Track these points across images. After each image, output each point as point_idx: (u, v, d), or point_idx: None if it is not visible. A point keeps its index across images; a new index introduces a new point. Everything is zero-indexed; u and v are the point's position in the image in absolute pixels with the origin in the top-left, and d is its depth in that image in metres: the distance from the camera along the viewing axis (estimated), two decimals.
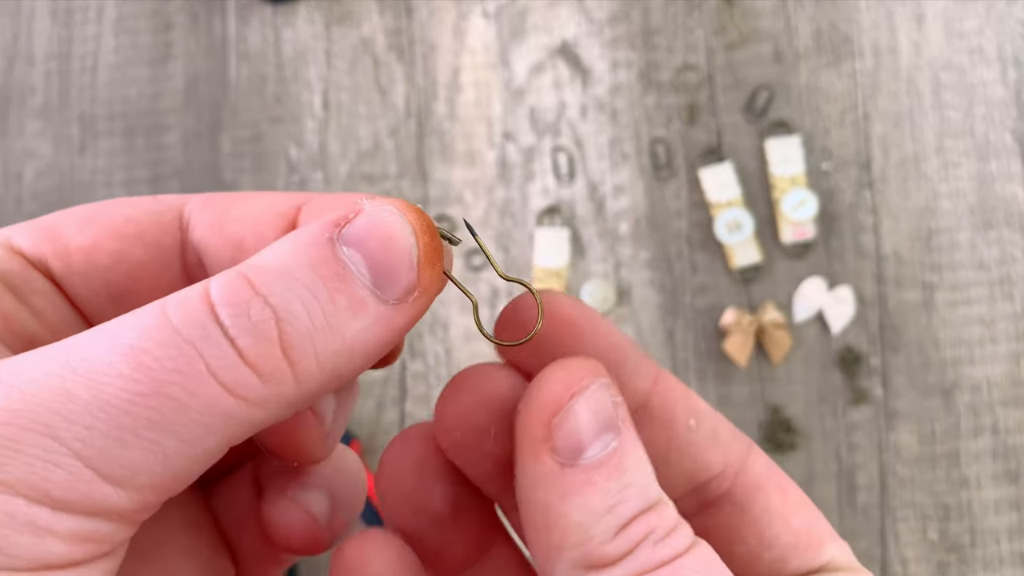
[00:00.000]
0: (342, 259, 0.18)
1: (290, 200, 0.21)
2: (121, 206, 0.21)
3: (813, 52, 0.63)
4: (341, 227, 0.18)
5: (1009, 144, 0.62)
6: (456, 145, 0.63)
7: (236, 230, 0.21)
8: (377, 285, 0.18)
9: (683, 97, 0.63)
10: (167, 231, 0.21)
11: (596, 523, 0.18)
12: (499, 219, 0.62)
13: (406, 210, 0.19)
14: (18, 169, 0.63)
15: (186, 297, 0.17)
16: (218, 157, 0.63)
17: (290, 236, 0.18)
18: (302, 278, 0.17)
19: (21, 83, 0.64)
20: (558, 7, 0.64)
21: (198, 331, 0.16)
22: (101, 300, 0.21)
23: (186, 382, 0.16)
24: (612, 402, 0.19)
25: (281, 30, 0.64)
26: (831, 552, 0.21)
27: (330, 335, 0.17)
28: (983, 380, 0.60)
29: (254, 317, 0.17)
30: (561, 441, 0.18)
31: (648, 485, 0.19)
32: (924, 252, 0.61)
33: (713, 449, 0.21)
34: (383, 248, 0.18)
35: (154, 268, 0.21)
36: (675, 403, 0.21)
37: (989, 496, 0.59)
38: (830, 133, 0.62)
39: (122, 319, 0.17)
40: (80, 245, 0.20)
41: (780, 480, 0.22)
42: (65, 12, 0.64)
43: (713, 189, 0.61)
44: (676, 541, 0.18)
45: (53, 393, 0.15)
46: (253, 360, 0.17)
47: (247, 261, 0.18)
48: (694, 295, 0.61)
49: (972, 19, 0.63)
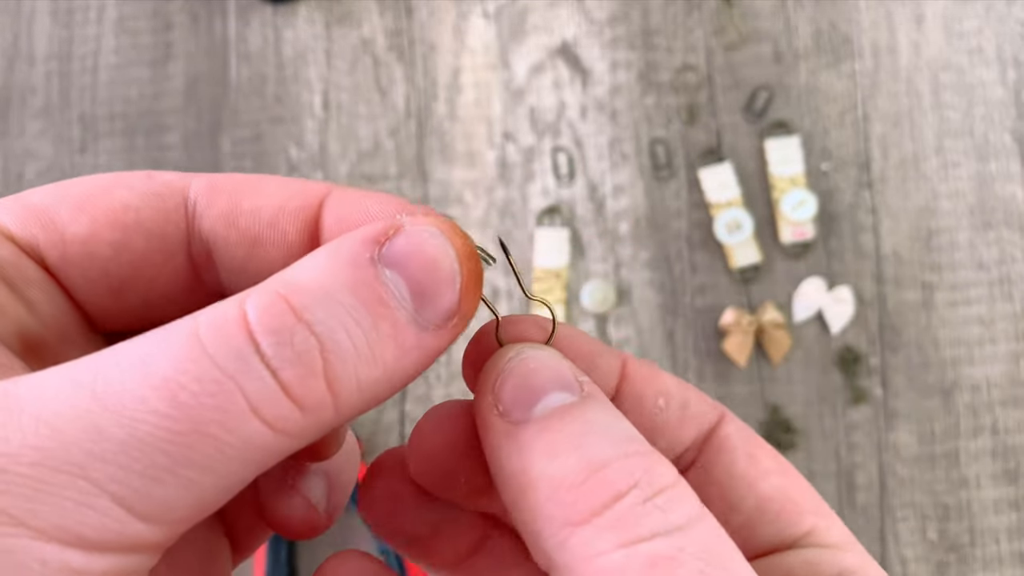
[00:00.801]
0: (385, 282, 0.17)
1: (308, 191, 0.20)
2: (117, 187, 0.19)
3: (813, 52, 0.63)
4: (381, 245, 0.17)
5: (1008, 144, 0.62)
6: (456, 145, 0.63)
7: (251, 224, 0.20)
8: (418, 310, 0.17)
9: (683, 97, 0.63)
10: (171, 219, 0.20)
11: (560, 467, 0.17)
12: (499, 219, 0.62)
13: (450, 232, 0.18)
14: (19, 169, 0.63)
15: (221, 320, 0.16)
16: (218, 157, 0.63)
17: (327, 250, 0.17)
18: (345, 303, 0.16)
19: (21, 83, 0.64)
20: (558, 7, 0.64)
21: (238, 363, 0.15)
22: (99, 292, 0.20)
23: (226, 419, 0.15)
24: (559, 364, 0.18)
25: (281, 30, 0.64)
26: (810, 523, 0.20)
27: (372, 364, 0.17)
28: (983, 380, 0.60)
29: (298, 347, 0.16)
30: (506, 398, 0.18)
31: (623, 435, 0.17)
32: (923, 252, 0.61)
33: (684, 425, 0.21)
34: (426, 273, 0.17)
35: (157, 259, 0.20)
36: (643, 386, 0.21)
37: (988, 496, 0.59)
38: (829, 133, 0.62)
39: (150, 341, 0.15)
40: (77, 234, 0.19)
41: (752, 447, 0.21)
42: (65, 12, 0.64)
43: (713, 189, 0.61)
44: (675, 505, 0.16)
45: (85, 431, 0.14)
46: (297, 393, 0.16)
47: (282, 276, 0.17)
48: (694, 295, 0.61)
49: (972, 19, 0.63)
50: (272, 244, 0.20)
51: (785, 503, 0.21)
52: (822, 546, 0.20)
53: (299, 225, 0.20)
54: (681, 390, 0.21)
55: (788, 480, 0.21)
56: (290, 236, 0.19)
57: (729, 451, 0.21)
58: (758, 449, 0.21)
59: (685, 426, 0.21)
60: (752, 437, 0.22)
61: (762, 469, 0.21)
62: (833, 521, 0.21)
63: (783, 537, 0.20)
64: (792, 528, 0.20)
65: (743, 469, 0.21)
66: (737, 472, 0.21)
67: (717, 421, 0.22)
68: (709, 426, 0.21)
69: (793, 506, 0.21)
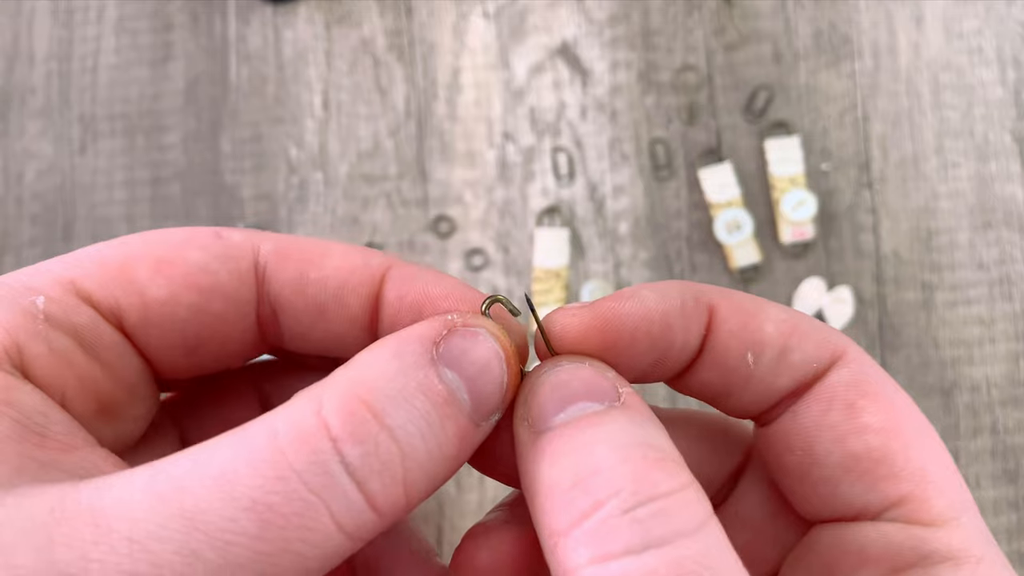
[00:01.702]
0: (448, 384, 0.17)
1: (370, 265, 0.20)
2: (190, 248, 0.20)
3: (812, 53, 0.63)
4: (438, 345, 0.18)
5: (1008, 144, 0.62)
6: (456, 145, 0.63)
7: (317, 293, 0.20)
8: (474, 408, 0.18)
9: (683, 97, 0.63)
10: (244, 283, 0.20)
11: (557, 473, 0.16)
12: (499, 219, 0.62)
13: (498, 335, 0.19)
14: (19, 169, 0.63)
15: (302, 428, 0.15)
16: (218, 158, 0.63)
17: (390, 349, 0.17)
18: (419, 406, 0.17)
19: (21, 84, 0.64)
20: (558, 7, 0.64)
21: (324, 478, 0.15)
22: (174, 350, 0.20)
23: (311, 536, 0.15)
24: (593, 374, 0.18)
25: (281, 30, 0.64)
26: (903, 492, 0.18)
27: (442, 464, 0.17)
28: (982, 380, 0.60)
29: (383, 456, 0.16)
30: (532, 408, 0.18)
31: (634, 441, 0.17)
32: (923, 252, 0.61)
33: (779, 375, 0.20)
34: (480, 375, 0.18)
35: (230, 320, 0.20)
36: (729, 340, 0.20)
37: (988, 496, 0.60)
38: (829, 133, 0.62)
39: (230, 449, 0.15)
40: (157, 297, 0.19)
41: (859, 397, 0.19)
42: (65, 12, 0.64)
43: (713, 189, 0.61)
44: (662, 518, 0.15)
45: (178, 554, 0.14)
46: (379, 504, 0.16)
47: (351, 374, 0.17)
48: None
49: (971, 20, 0.63)
50: (336, 315, 0.20)
51: (875, 464, 0.19)
52: (911, 522, 0.18)
53: (361, 300, 0.20)
54: (783, 337, 0.20)
55: (892, 441, 0.19)
56: (353, 310, 0.20)
57: (826, 400, 0.20)
58: (865, 400, 0.19)
59: (780, 377, 0.20)
60: (863, 386, 0.19)
61: (859, 423, 0.19)
62: (939, 493, 0.18)
63: (867, 501, 0.19)
64: (878, 493, 0.19)
65: (835, 421, 0.19)
66: (827, 423, 0.19)
67: (828, 367, 0.20)
68: (814, 374, 0.20)
69: (885, 469, 0.19)
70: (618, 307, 0.19)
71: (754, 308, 0.20)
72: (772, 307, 0.20)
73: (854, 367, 0.20)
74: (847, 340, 0.20)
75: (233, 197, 0.63)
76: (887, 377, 0.20)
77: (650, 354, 0.20)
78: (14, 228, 0.63)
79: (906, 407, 0.20)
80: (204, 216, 0.62)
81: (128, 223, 0.62)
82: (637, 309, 0.19)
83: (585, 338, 0.19)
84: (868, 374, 0.20)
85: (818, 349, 0.20)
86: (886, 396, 0.20)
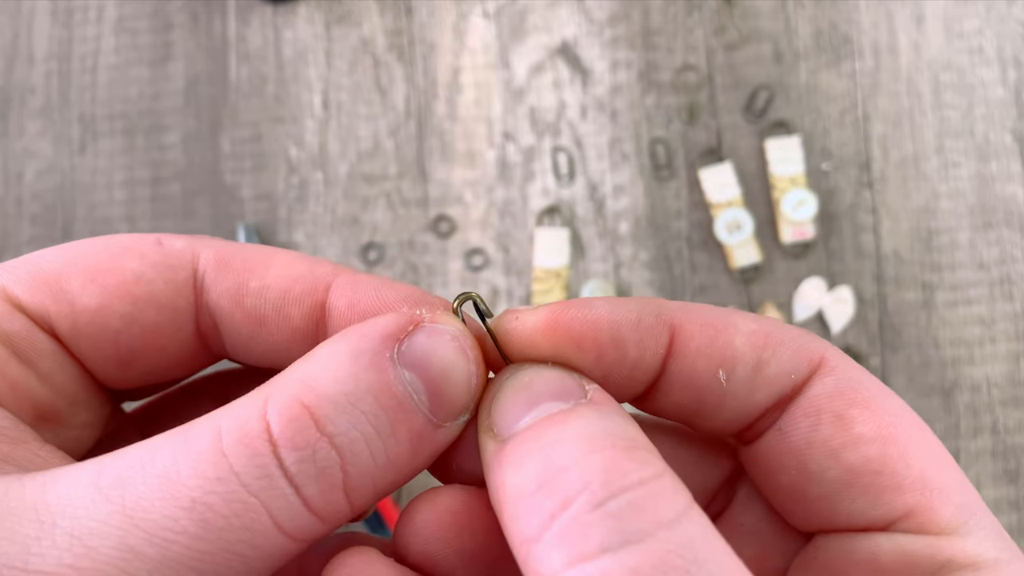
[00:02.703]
0: (404, 387, 0.17)
1: (314, 275, 0.20)
2: (127, 257, 0.19)
3: (813, 52, 0.63)
4: (400, 342, 0.17)
5: (1009, 144, 0.62)
6: (456, 145, 0.63)
7: (256, 304, 0.19)
8: (433, 411, 0.17)
9: (683, 97, 0.63)
10: (181, 292, 0.19)
11: (522, 477, 0.16)
12: (499, 219, 0.62)
13: (467, 333, 0.18)
14: (18, 169, 0.63)
15: (245, 432, 0.15)
16: (218, 157, 0.63)
17: (347, 347, 0.17)
18: (367, 411, 0.16)
19: (21, 83, 0.64)
20: (558, 7, 0.64)
21: (263, 481, 0.15)
22: (109, 360, 0.20)
23: (252, 537, 0.15)
24: (557, 376, 0.18)
25: (281, 30, 0.64)
26: (910, 504, 0.17)
27: (388, 469, 0.17)
28: (983, 380, 0.60)
29: (320, 463, 0.16)
30: (495, 415, 0.18)
31: (602, 433, 0.16)
32: (924, 252, 0.61)
33: (754, 390, 0.19)
34: (443, 377, 0.17)
35: (167, 331, 0.20)
36: (695, 359, 0.19)
37: (989, 496, 0.59)
38: (830, 133, 0.62)
39: (173, 448, 0.15)
40: (88, 306, 0.19)
41: (846, 407, 0.18)
42: (65, 12, 0.64)
43: (713, 189, 0.61)
44: (635, 510, 0.14)
45: (118, 550, 0.14)
46: (317, 507, 0.16)
47: (301, 375, 0.16)
48: (694, 295, 0.61)
49: (972, 19, 0.63)
50: (276, 326, 0.20)
51: (875, 477, 0.18)
52: (922, 533, 0.17)
53: (304, 311, 0.19)
54: (755, 350, 0.19)
55: (889, 449, 0.18)
56: (295, 321, 0.19)
57: (813, 413, 0.18)
58: (855, 410, 0.18)
59: (757, 392, 0.19)
60: (850, 394, 0.18)
61: (852, 435, 0.18)
62: (945, 500, 0.17)
63: (873, 516, 0.18)
64: (882, 508, 0.18)
65: (826, 435, 0.18)
66: (818, 438, 0.18)
67: (808, 377, 0.19)
68: (792, 386, 0.19)
69: (886, 480, 0.18)
70: (564, 312, 0.19)
71: (721, 322, 0.19)
72: (741, 318, 0.19)
73: (837, 374, 0.19)
74: (824, 344, 0.19)
75: (233, 197, 0.63)
76: (872, 379, 0.19)
77: (599, 366, 0.19)
78: (14, 228, 0.63)
79: (898, 409, 0.19)
80: (204, 216, 0.62)
81: (128, 223, 0.62)
82: (586, 316, 0.18)
83: (531, 344, 0.19)
84: (853, 380, 0.19)
85: (794, 358, 0.19)
86: (876, 401, 0.19)
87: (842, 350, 0.60)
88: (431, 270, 0.62)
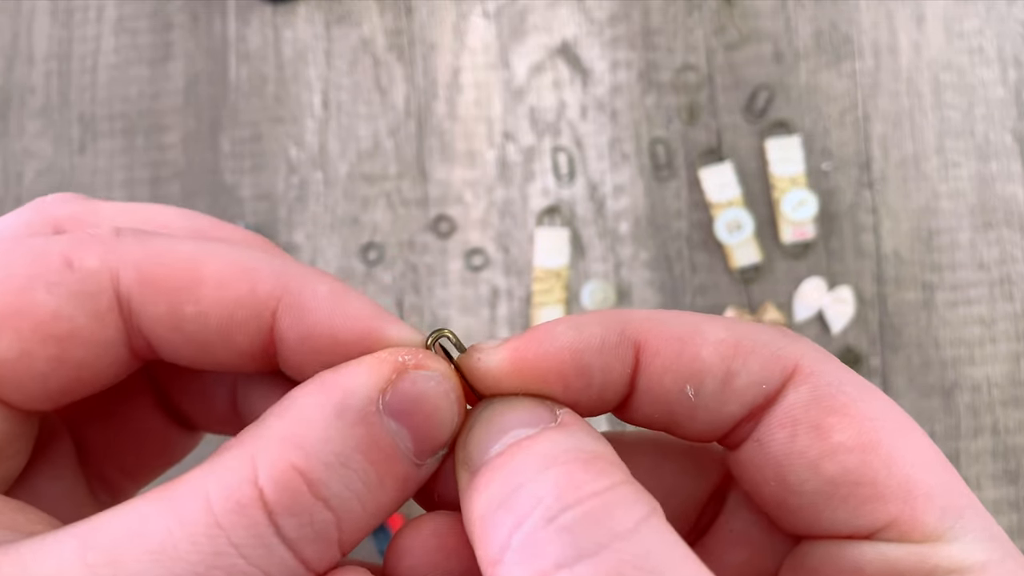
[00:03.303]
0: (391, 438, 0.17)
1: (257, 299, 0.18)
2: (36, 289, 0.17)
3: (813, 52, 0.63)
4: (385, 393, 0.17)
5: (1009, 144, 0.62)
6: (456, 145, 0.63)
7: (197, 331, 0.18)
8: (417, 455, 0.17)
9: (683, 97, 0.63)
10: (105, 323, 0.18)
11: (486, 499, 0.16)
12: (499, 219, 0.62)
13: (450, 375, 0.18)
14: (18, 169, 0.63)
15: (237, 500, 0.15)
16: (218, 157, 0.63)
17: (329, 404, 0.16)
18: (357, 469, 0.16)
19: (21, 83, 0.64)
20: (558, 7, 0.64)
21: (262, 550, 0.15)
22: (39, 402, 0.18)
23: None
24: (526, 404, 0.18)
25: (281, 30, 0.64)
26: (892, 513, 0.17)
27: (377, 516, 0.17)
28: (983, 380, 0.60)
29: (317, 526, 0.16)
30: (468, 447, 0.18)
31: (562, 448, 0.16)
32: (924, 252, 0.61)
33: (725, 406, 0.18)
34: (428, 421, 0.17)
35: (97, 363, 0.18)
36: (661, 376, 0.18)
37: (989, 496, 0.59)
38: (830, 133, 0.62)
39: (164, 517, 0.15)
40: (6, 356, 0.17)
41: (824, 415, 0.17)
42: (65, 12, 0.64)
43: (713, 189, 0.61)
44: (589, 523, 0.14)
45: None
46: (314, 565, 0.16)
47: (288, 435, 0.16)
48: (694, 295, 0.61)
49: (972, 19, 0.63)
50: (222, 350, 0.18)
51: (855, 487, 0.17)
52: (906, 541, 0.17)
53: (251, 337, 0.18)
54: (724, 360, 0.18)
55: (869, 456, 0.17)
56: (242, 346, 0.18)
57: (789, 425, 0.18)
58: (833, 418, 0.18)
59: (727, 404, 0.18)
60: (827, 401, 0.18)
61: (830, 445, 0.17)
62: (930, 506, 0.17)
63: (856, 526, 0.17)
64: (864, 518, 0.17)
65: (803, 447, 0.18)
66: (796, 450, 0.18)
67: (781, 386, 0.18)
68: (765, 396, 0.18)
69: (867, 490, 0.17)
70: (524, 349, 0.18)
71: (688, 333, 0.18)
72: (710, 326, 0.19)
73: (813, 381, 0.18)
74: (801, 348, 0.19)
75: (233, 197, 0.62)
76: (854, 380, 0.19)
77: (567, 395, 0.18)
78: None
79: (880, 411, 0.18)
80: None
81: None
82: (547, 350, 0.18)
83: (498, 383, 0.18)
84: (830, 385, 0.18)
85: (765, 368, 0.18)
86: (855, 407, 0.18)
87: (843, 350, 0.60)
88: (431, 270, 0.62)
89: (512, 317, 0.61)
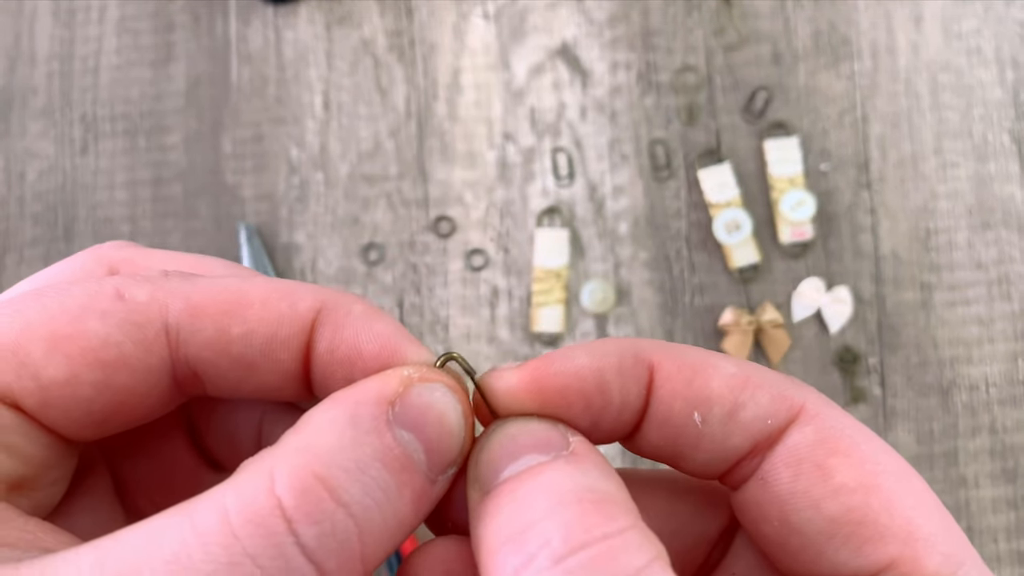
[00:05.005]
0: (405, 448, 0.17)
1: (298, 314, 0.19)
2: (88, 319, 0.18)
3: (812, 53, 0.63)
4: (393, 405, 0.17)
5: (1007, 145, 0.62)
6: (456, 146, 0.63)
7: (243, 351, 0.19)
8: (430, 468, 0.17)
9: (682, 98, 0.63)
10: (152, 352, 0.18)
11: (494, 529, 0.16)
12: (499, 219, 0.62)
13: (456, 388, 0.18)
14: (20, 169, 0.64)
15: (254, 511, 0.15)
16: (219, 158, 0.63)
17: (342, 415, 0.17)
18: (375, 476, 0.16)
19: (23, 84, 0.64)
20: (558, 8, 0.64)
21: (279, 561, 0.15)
22: (81, 427, 0.18)
23: None
24: (539, 428, 0.18)
25: (282, 31, 0.64)
26: (893, 554, 0.17)
27: (397, 533, 0.17)
28: (981, 379, 0.61)
29: (339, 535, 0.15)
30: (479, 468, 0.18)
31: (575, 487, 0.16)
32: (922, 252, 0.62)
33: (729, 435, 0.19)
34: (438, 434, 0.17)
35: (141, 390, 0.19)
36: (671, 400, 0.19)
37: (987, 495, 0.60)
38: (828, 134, 0.62)
39: (181, 529, 0.15)
40: (55, 379, 0.17)
41: (827, 456, 0.18)
42: (67, 13, 0.65)
43: (712, 190, 0.61)
44: (593, 567, 0.14)
45: None
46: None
47: (304, 446, 0.16)
48: (693, 295, 0.61)
49: (970, 20, 0.63)
50: (267, 370, 0.19)
51: (857, 527, 0.17)
52: None
53: (293, 353, 0.19)
54: (732, 392, 0.19)
55: (871, 498, 0.18)
56: (285, 364, 0.19)
57: (793, 464, 0.18)
58: (836, 459, 0.18)
59: (732, 436, 0.19)
60: (831, 443, 0.18)
61: (833, 485, 0.18)
62: (931, 550, 0.17)
63: (857, 566, 0.18)
64: (866, 559, 0.17)
65: (806, 486, 0.18)
66: (799, 489, 0.18)
67: (786, 424, 0.19)
68: (770, 433, 0.18)
69: (869, 531, 0.17)
70: (548, 367, 0.19)
71: (700, 363, 0.19)
72: (722, 361, 0.19)
73: (817, 422, 0.19)
74: (806, 391, 0.19)
75: (234, 197, 0.63)
76: (856, 425, 0.19)
77: (586, 415, 0.19)
78: (16, 228, 0.63)
79: (882, 456, 0.18)
80: (205, 216, 0.62)
81: (130, 223, 0.63)
82: (568, 369, 0.18)
83: (517, 400, 0.19)
84: (834, 428, 0.19)
85: (772, 404, 0.19)
86: (858, 449, 0.18)
87: (841, 350, 0.60)
88: (431, 270, 0.62)
89: (512, 317, 0.61)
